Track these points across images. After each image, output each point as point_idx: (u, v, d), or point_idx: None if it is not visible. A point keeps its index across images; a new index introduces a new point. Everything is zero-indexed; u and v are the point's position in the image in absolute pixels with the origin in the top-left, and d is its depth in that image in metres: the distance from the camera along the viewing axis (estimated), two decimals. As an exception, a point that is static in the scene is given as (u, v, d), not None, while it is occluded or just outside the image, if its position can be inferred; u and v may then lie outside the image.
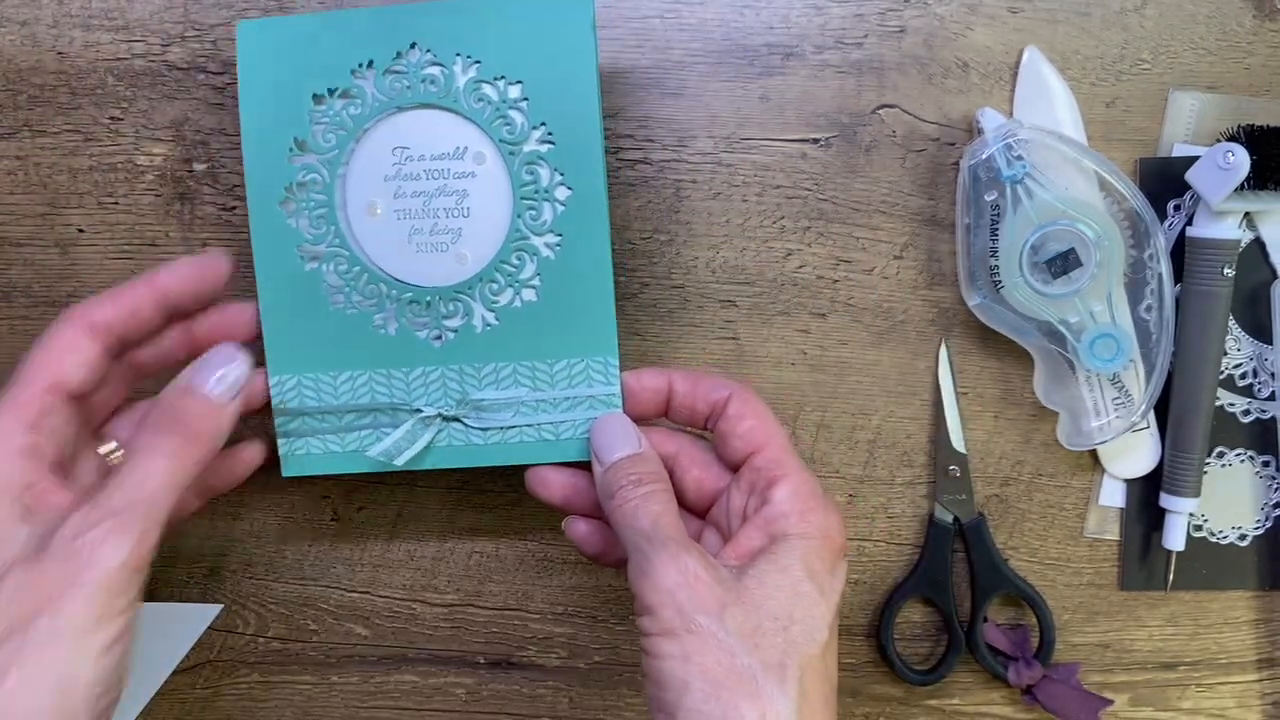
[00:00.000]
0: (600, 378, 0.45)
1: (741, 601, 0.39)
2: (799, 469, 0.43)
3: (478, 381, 0.46)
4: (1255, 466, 0.54)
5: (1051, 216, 0.48)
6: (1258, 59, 0.51)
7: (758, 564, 0.40)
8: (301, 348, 0.45)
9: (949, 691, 0.56)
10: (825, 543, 0.41)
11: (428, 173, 0.44)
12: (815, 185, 0.52)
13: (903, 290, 0.52)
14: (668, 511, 0.42)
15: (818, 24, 0.50)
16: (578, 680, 0.56)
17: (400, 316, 0.45)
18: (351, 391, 0.46)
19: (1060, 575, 0.55)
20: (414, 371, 0.45)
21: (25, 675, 0.34)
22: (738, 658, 0.38)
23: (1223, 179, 0.48)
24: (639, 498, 0.42)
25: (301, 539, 0.54)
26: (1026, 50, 0.50)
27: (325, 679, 0.55)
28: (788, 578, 0.40)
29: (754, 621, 0.38)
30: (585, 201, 0.44)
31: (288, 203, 0.45)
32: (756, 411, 0.44)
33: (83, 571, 0.36)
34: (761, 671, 0.38)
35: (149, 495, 0.38)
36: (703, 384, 0.45)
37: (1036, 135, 0.48)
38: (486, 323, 0.45)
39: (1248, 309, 0.53)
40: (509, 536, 0.54)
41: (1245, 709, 0.57)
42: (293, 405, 0.46)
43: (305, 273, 0.45)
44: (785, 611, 0.39)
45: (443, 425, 0.46)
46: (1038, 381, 0.52)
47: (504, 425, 0.46)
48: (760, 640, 0.38)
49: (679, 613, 0.38)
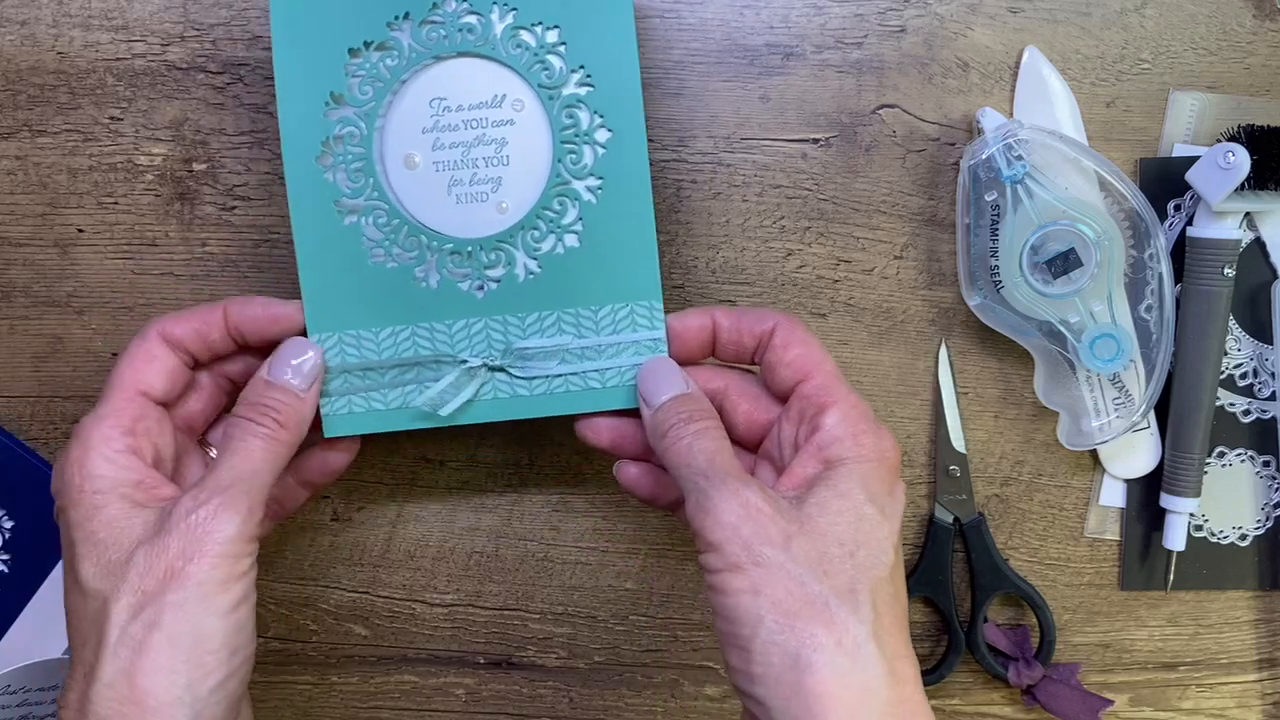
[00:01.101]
0: (645, 322, 0.45)
1: (805, 530, 0.39)
2: (848, 393, 0.43)
3: (522, 331, 0.45)
4: (1255, 466, 0.54)
5: (1052, 216, 0.48)
6: (1258, 59, 0.51)
7: (816, 491, 0.40)
8: (341, 304, 0.45)
9: (949, 691, 0.56)
10: (881, 464, 0.41)
11: (466, 123, 0.44)
12: (815, 185, 0.51)
13: (903, 290, 0.52)
14: (722, 448, 0.41)
15: (818, 24, 0.50)
16: (578, 680, 0.56)
17: (441, 268, 0.45)
18: (394, 346, 0.45)
19: (1060, 575, 0.55)
20: (457, 324, 0.45)
21: (163, 638, 0.37)
22: (808, 586, 0.38)
23: (1223, 179, 0.48)
24: (691, 434, 0.42)
25: (301, 539, 0.54)
26: (1027, 50, 0.50)
27: (325, 679, 0.55)
28: (848, 502, 0.40)
29: (820, 549, 0.38)
30: (626, 142, 0.44)
31: (324, 157, 0.44)
32: (803, 340, 0.44)
33: (202, 543, 0.38)
34: (834, 598, 0.38)
35: (249, 473, 0.41)
36: (747, 317, 0.45)
37: (1037, 135, 0.48)
38: (529, 270, 0.45)
39: (1248, 309, 0.53)
40: (509, 536, 0.54)
41: (1245, 709, 0.57)
42: (334, 363, 0.45)
43: (344, 227, 0.45)
44: (850, 537, 0.39)
45: (488, 376, 0.45)
46: (1038, 381, 0.52)
47: (550, 374, 0.45)
48: (828, 567, 0.38)
49: (744, 547, 0.38)
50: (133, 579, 0.38)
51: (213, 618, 0.38)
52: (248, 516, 0.40)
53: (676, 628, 0.55)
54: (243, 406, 0.43)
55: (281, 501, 0.48)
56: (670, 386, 0.44)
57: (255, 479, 0.41)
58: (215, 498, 0.39)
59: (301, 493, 0.48)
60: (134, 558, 0.38)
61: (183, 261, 0.51)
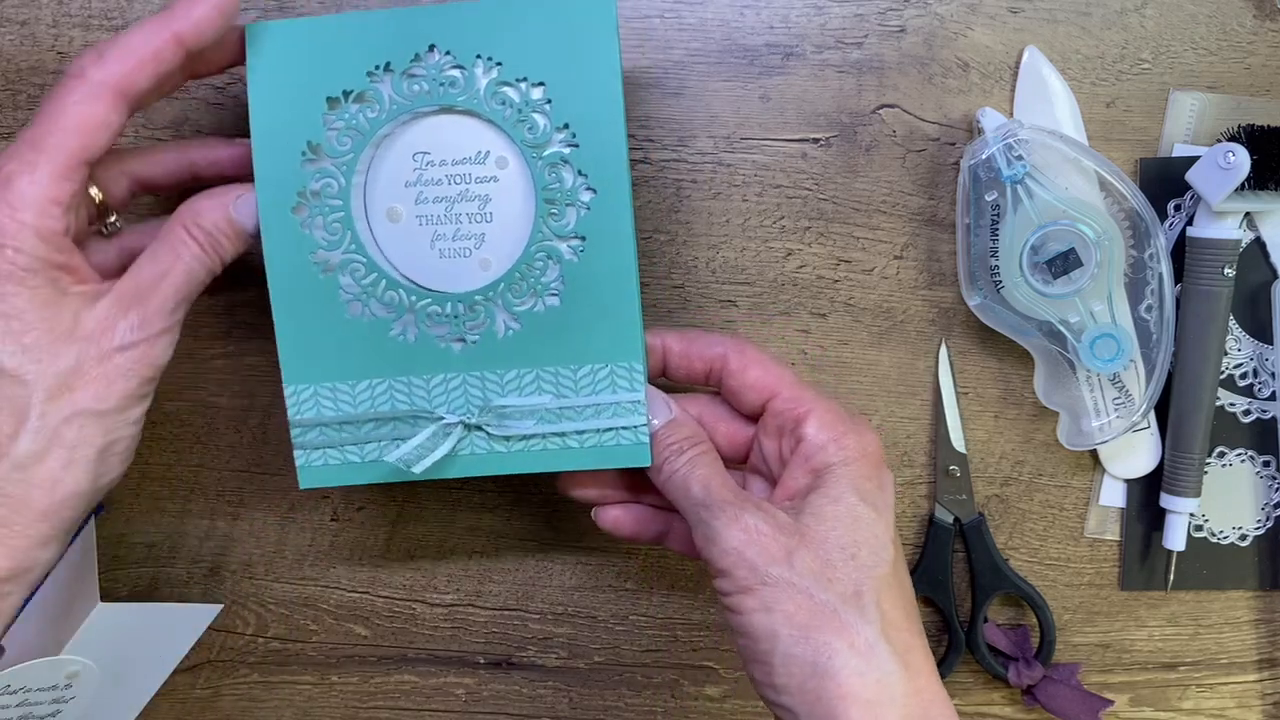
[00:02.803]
0: (625, 384, 0.44)
1: (806, 542, 0.40)
2: (818, 399, 0.44)
3: (500, 388, 0.45)
4: (1255, 466, 0.54)
5: (1052, 216, 0.48)
6: (1258, 59, 0.51)
7: (811, 500, 0.42)
8: (317, 357, 0.45)
9: (949, 691, 0.55)
10: (865, 460, 0.42)
11: (449, 178, 0.44)
12: (815, 185, 0.51)
13: (903, 290, 0.52)
14: (715, 473, 0.43)
15: (818, 24, 0.50)
16: (578, 680, 0.56)
17: (420, 323, 0.44)
18: (370, 400, 0.45)
19: (1060, 575, 0.55)
20: (435, 379, 0.45)
21: (77, 436, 0.39)
22: (815, 596, 0.39)
23: (1223, 179, 0.48)
24: (685, 465, 0.43)
25: (301, 539, 0.54)
26: (1027, 50, 0.50)
27: (325, 679, 0.55)
28: (842, 506, 0.41)
29: (822, 557, 0.40)
30: (609, 203, 0.43)
31: (300, 209, 0.43)
32: (756, 359, 0.45)
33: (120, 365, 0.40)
34: (840, 604, 0.40)
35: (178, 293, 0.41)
36: (697, 343, 0.46)
37: (1037, 135, 0.48)
38: (509, 328, 0.44)
39: (1248, 309, 0.53)
40: (509, 536, 0.54)
41: (1246, 709, 0.56)
42: (309, 415, 0.45)
43: (320, 281, 0.44)
44: (849, 540, 0.41)
45: (464, 433, 0.45)
46: (1038, 381, 0.52)
47: (526, 434, 0.45)
48: (832, 574, 0.40)
49: (751, 569, 0.40)
50: (54, 367, 0.38)
51: (125, 426, 0.40)
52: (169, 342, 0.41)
53: (676, 628, 0.55)
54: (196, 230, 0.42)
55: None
56: (656, 414, 0.45)
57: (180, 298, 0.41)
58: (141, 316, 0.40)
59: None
60: (62, 347, 0.38)
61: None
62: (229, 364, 0.52)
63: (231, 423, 0.53)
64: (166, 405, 0.52)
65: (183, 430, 0.53)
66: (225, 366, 0.52)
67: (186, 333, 0.51)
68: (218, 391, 0.52)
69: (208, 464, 0.53)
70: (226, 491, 0.53)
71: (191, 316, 0.51)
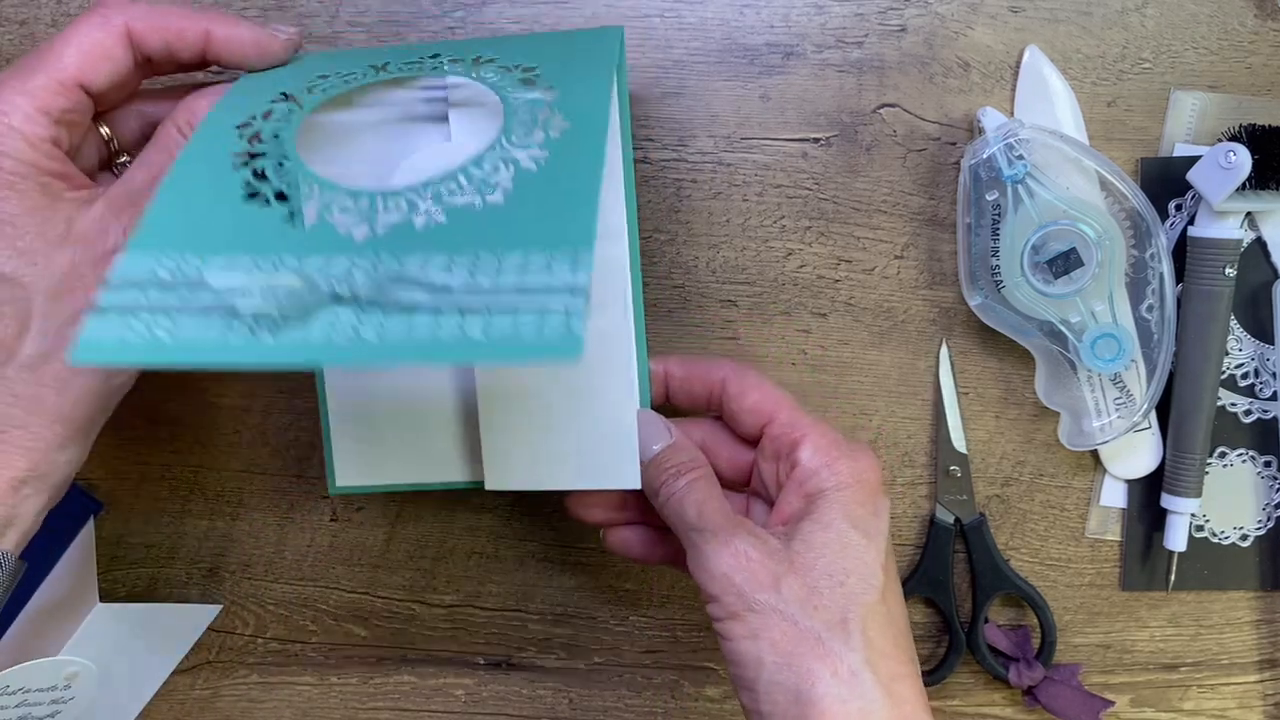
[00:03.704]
0: (566, 268, 0.32)
1: (794, 569, 0.40)
2: (814, 424, 0.44)
3: (399, 271, 0.33)
4: (1257, 467, 0.54)
5: (1053, 216, 0.48)
6: (1259, 58, 0.51)
7: (802, 526, 0.42)
8: (183, 226, 0.35)
9: (950, 692, 0.56)
10: (860, 487, 0.42)
11: None
12: (816, 185, 0.51)
13: (903, 290, 0.52)
14: (710, 498, 0.43)
15: (818, 23, 0.50)
16: (578, 681, 0.56)
17: (322, 211, 0.36)
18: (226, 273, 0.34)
19: (1061, 576, 0.55)
20: (317, 258, 0.34)
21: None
22: (800, 624, 0.40)
23: (1224, 179, 0.48)
24: (681, 490, 0.43)
25: (301, 539, 0.54)
26: (1027, 50, 0.50)
27: (324, 679, 0.55)
28: (832, 533, 0.41)
29: (809, 584, 0.40)
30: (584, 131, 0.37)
31: (246, 126, 0.39)
32: (756, 384, 0.45)
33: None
34: (825, 631, 0.40)
35: None
36: (697, 368, 0.46)
37: (1037, 135, 0.48)
38: (432, 220, 0.35)
39: (1249, 309, 0.53)
40: (509, 536, 0.54)
41: (1247, 710, 0.56)
42: (136, 273, 0.33)
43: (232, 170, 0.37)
44: (838, 567, 0.41)
45: (334, 306, 0.33)
46: (1039, 381, 0.52)
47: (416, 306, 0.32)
48: (818, 602, 0.40)
49: (739, 595, 0.40)
50: (50, 269, 0.38)
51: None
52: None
53: (676, 628, 0.55)
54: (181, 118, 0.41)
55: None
56: (655, 438, 0.45)
57: None
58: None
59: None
60: (57, 251, 0.38)
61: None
62: (229, 364, 0.52)
63: (231, 423, 0.53)
64: (166, 405, 0.52)
65: (183, 430, 0.53)
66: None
67: (186, 333, 0.52)
68: (218, 391, 0.52)
69: (208, 464, 0.53)
70: (226, 491, 0.53)
71: (191, 316, 0.52)
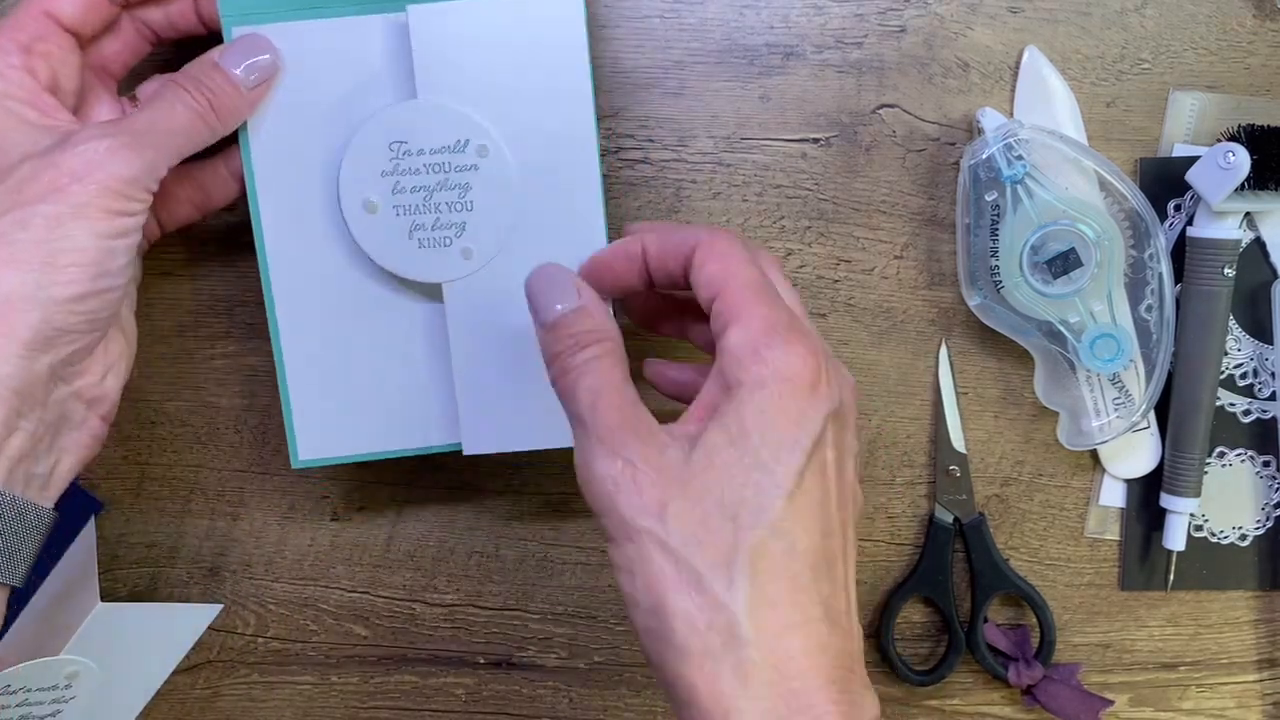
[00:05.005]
0: None
1: (686, 491, 0.34)
2: (756, 303, 0.36)
3: None
4: (1255, 466, 0.54)
5: (1052, 216, 0.48)
6: (1258, 59, 0.51)
7: (708, 433, 0.35)
8: None
9: (949, 692, 0.56)
10: (782, 386, 0.35)
11: (428, 167, 0.44)
12: (815, 185, 0.51)
13: (903, 290, 0.52)
14: (608, 384, 0.36)
15: (818, 24, 0.50)
16: (578, 680, 0.56)
17: None
18: None
19: (1061, 575, 0.55)
20: None
21: (28, 239, 0.36)
22: (681, 562, 0.34)
23: (1223, 179, 0.48)
24: (576, 368, 0.37)
25: (301, 539, 0.54)
26: (1027, 50, 0.50)
27: (325, 679, 0.55)
28: (736, 448, 0.34)
29: (699, 513, 0.34)
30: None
31: None
32: (720, 254, 0.38)
33: (94, 170, 0.37)
34: (708, 572, 0.34)
35: (165, 130, 0.40)
36: (673, 237, 0.39)
37: (1037, 135, 0.48)
38: None
39: (1248, 309, 0.53)
40: (509, 536, 0.54)
41: (1246, 709, 0.56)
42: None
43: None
44: (733, 494, 0.34)
45: None
46: (1038, 381, 0.52)
47: None
48: (705, 536, 0.34)
49: (619, 520, 0.35)
50: (12, 182, 0.37)
51: (84, 234, 0.37)
52: (148, 166, 0.38)
53: (676, 628, 0.55)
54: (182, 76, 0.41)
55: (209, 192, 0.46)
56: (560, 297, 0.39)
57: (169, 139, 0.40)
58: (123, 136, 0.38)
59: (231, 186, 0.46)
60: (19, 167, 0.37)
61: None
62: (229, 364, 0.52)
63: (231, 423, 0.53)
64: (166, 405, 0.52)
65: (183, 430, 0.53)
66: (225, 366, 0.52)
67: (186, 332, 0.52)
68: (218, 391, 0.52)
69: (208, 464, 0.53)
70: (226, 491, 0.53)
71: (192, 317, 0.52)
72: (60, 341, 0.38)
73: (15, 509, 0.38)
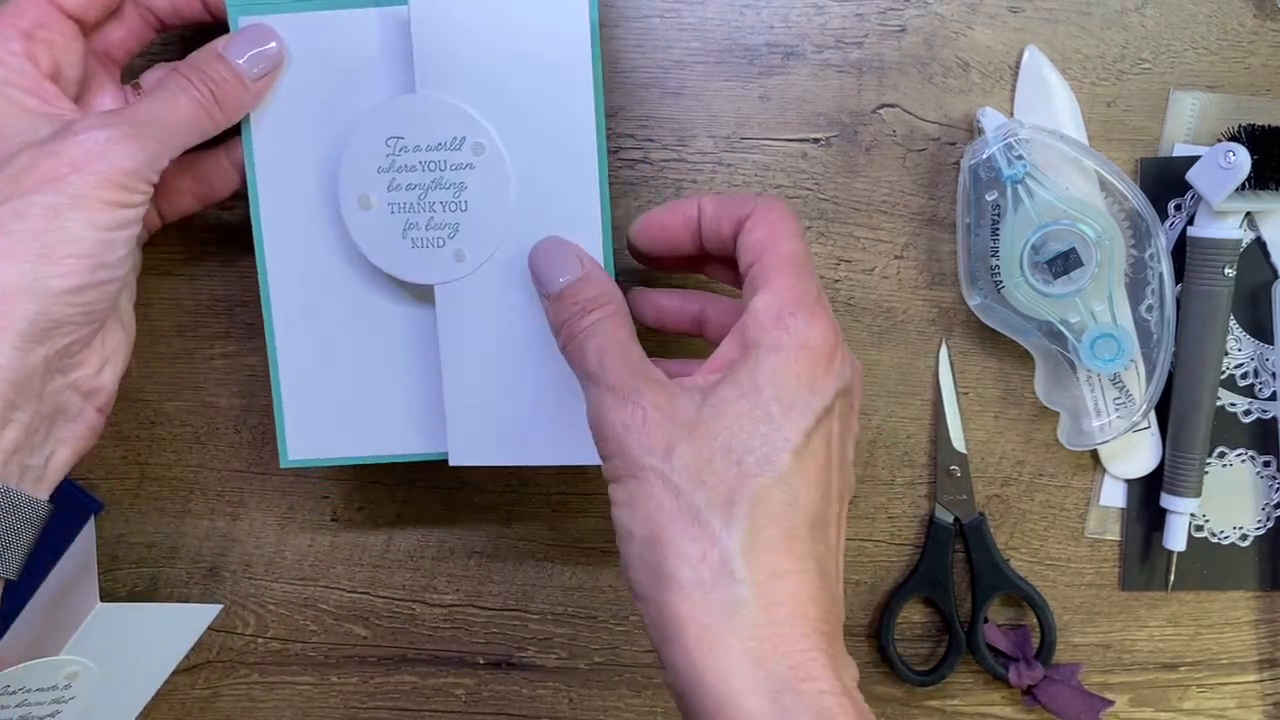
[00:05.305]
0: None
1: (694, 435, 0.36)
2: (791, 274, 0.38)
3: None
4: (1256, 466, 0.54)
5: (1052, 216, 0.48)
6: (1259, 58, 0.51)
7: (721, 387, 0.36)
8: None
9: (949, 692, 0.56)
10: (800, 353, 0.37)
11: (423, 164, 0.43)
12: (815, 185, 0.51)
13: (903, 290, 0.52)
14: (616, 343, 0.38)
15: (818, 23, 0.50)
16: (578, 680, 0.56)
17: None
18: None
19: (1061, 575, 0.55)
20: None
21: (25, 230, 0.36)
22: (683, 497, 0.35)
23: (1223, 179, 0.48)
24: (585, 330, 0.39)
25: (301, 539, 0.54)
26: (1027, 50, 0.50)
27: (325, 679, 0.55)
28: (748, 401, 0.36)
29: (705, 456, 0.35)
30: None
31: None
32: (770, 222, 0.39)
33: (94, 160, 0.37)
34: (706, 508, 0.35)
35: (168, 122, 0.39)
36: (730, 202, 0.41)
37: (1037, 135, 0.48)
38: None
39: (1248, 309, 0.53)
40: (509, 537, 0.54)
41: (1246, 709, 0.56)
42: None
43: None
44: (740, 442, 0.35)
45: None
46: (1038, 381, 0.52)
47: None
48: (709, 477, 0.35)
49: (626, 459, 0.36)
50: (11, 171, 0.37)
51: (82, 225, 0.37)
52: (149, 158, 0.38)
53: (676, 628, 0.55)
54: (186, 66, 0.41)
55: (212, 183, 0.46)
56: (563, 269, 0.40)
57: (171, 131, 0.40)
58: (124, 127, 0.38)
59: (233, 177, 0.46)
60: (19, 155, 0.37)
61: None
62: (229, 364, 0.52)
63: (231, 423, 0.53)
64: (166, 405, 0.52)
65: (183, 430, 0.53)
66: (225, 366, 0.52)
67: (186, 332, 0.52)
68: (218, 391, 0.52)
69: (208, 464, 0.53)
70: (226, 491, 0.53)
71: (191, 317, 0.52)
72: (57, 333, 0.37)
73: (9, 501, 0.38)
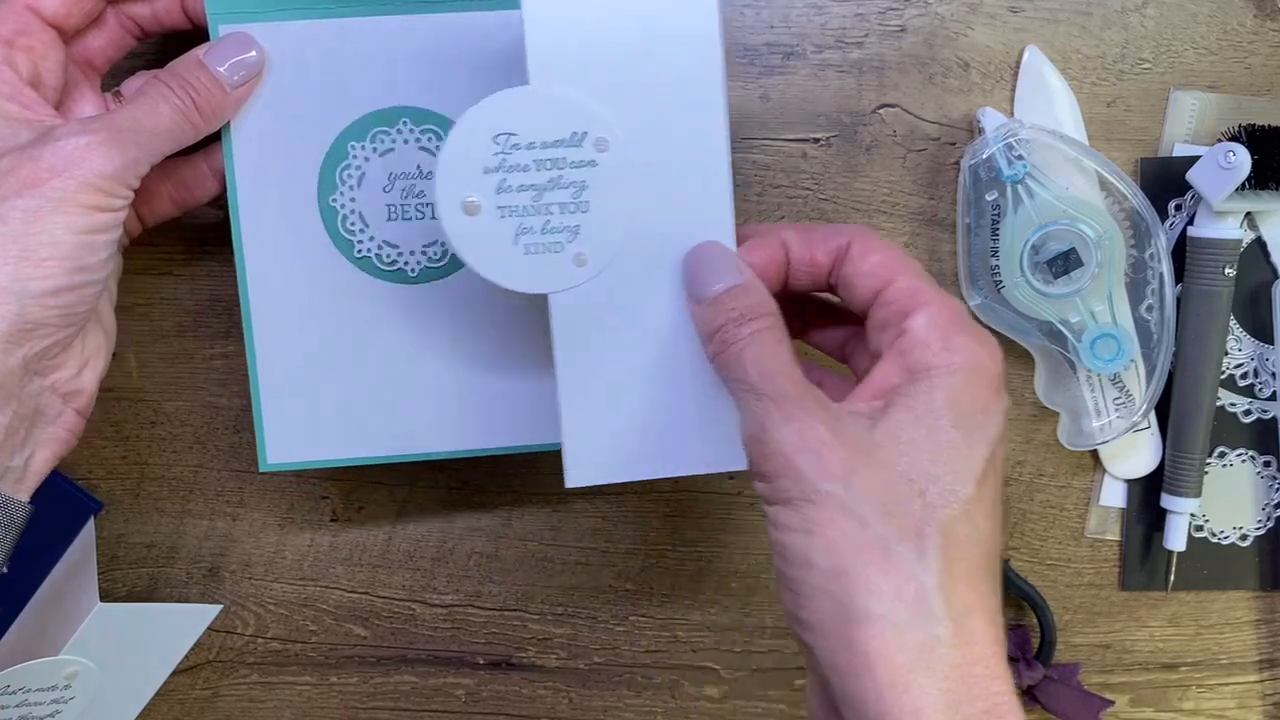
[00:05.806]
0: None
1: (872, 461, 0.34)
2: (940, 295, 0.37)
3: None
4: (1256, 466, 0.54)
5: (1052, 216, 0.48)
6: (1259, 58, 0.51)
7: (892, 412, 0.35)
8: None
9: (949, 692, 0.56)
10: (974, 375, 0.36)
11: (538, 163, 0.39)
12: (816, 185, 0.51)
13: (903, 290, 0.52)
14: (777, 355, 0.36)
15: (818, 23, 0.50)
16: (578, 680, 0.56)
17: None
18: None
19: (1061, 576, 0.55)
20: None
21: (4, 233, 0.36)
22: (868, 528, 0.33)
23: (1224, 179, 0.48)
24: (743, 339, 0.36)
25: (301, 539, 0.54)
26: (1027, 50, 0.50)
27: (325, 679, 0.55)
28: (925, 428, 0.35)
29: (886, 485, 0.34)
30: None
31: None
32: (882, 246, 0.38)
33: (73, 166, 0.37)
34: (897, 540, 0.33)
35: (148, 129, 0.40)
36: (818, 232, 0.39)
37: (1037, 135, 0.48)
38: None
39: (1249, 309, 0.53)
40: (509, 536, 0.54)
41: (1246, 709, 0.56)
42: None
43: None
44: (923, 469, 0.34)
45: None
46: (1038, 381, 0.52)
47: None
48: (894, 507, 0.33)
49: (798, 480, 0.34)
50: None
51: (62, 228, 0.37)
52: (129, 163, 0.38)
53: (676, 628, 0.55)
54: (166, 74, 0.41)
55: (192, 188, 0.46)
56: (722, 275, 0.38)
57: (151, 137, 0.40)
58: (105, 133, 0.38)
59: (212, 183, 0.46)
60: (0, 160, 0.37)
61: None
62: (229, 364, 0.52)
63: (231, 423, 0.53)
64: (166, 405, 0.52)
65: (183, 430, 0.53)
66: (225, 366, 0.52)
67: (186, 332, 0.52)
68: (218, 392, 0.52)
69: (208, 464, 0.53)
70: (226, 491, 0.53)
71: (191, 317, 0.52)
72: (36, 335, 0.38)
73: None
